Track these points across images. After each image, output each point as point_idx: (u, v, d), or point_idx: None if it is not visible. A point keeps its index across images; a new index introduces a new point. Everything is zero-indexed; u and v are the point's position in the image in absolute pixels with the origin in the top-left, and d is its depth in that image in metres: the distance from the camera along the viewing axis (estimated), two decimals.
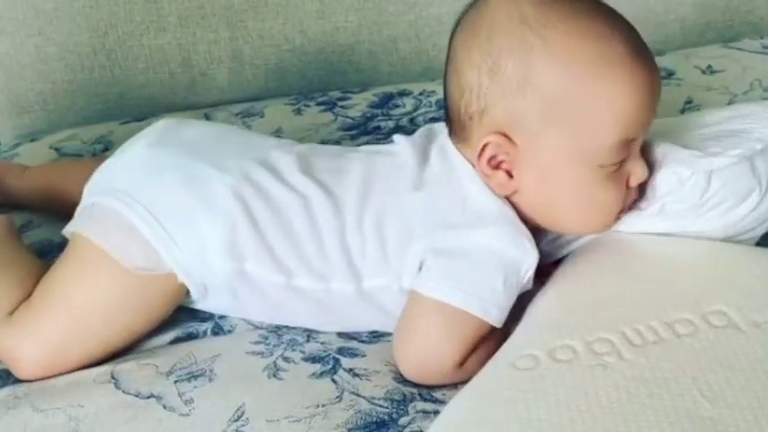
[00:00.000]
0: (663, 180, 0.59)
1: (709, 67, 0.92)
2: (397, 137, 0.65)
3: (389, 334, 0.61)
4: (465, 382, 0.54)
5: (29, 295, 0.61)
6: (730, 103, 0.85)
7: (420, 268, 0.58)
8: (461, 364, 0.57)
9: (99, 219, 0.61)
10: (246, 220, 0.60)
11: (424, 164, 0.61)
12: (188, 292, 0.62)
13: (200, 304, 0.63)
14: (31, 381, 0.59)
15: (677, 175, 0.59)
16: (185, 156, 0.63)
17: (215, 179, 0.61)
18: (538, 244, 0.59)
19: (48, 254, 0.72)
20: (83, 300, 0.60)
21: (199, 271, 0.60)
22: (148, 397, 0.57)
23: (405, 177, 0.61)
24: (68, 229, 0.63)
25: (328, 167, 0.63)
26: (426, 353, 0.57)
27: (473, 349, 0.57)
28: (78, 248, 0.61)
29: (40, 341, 0.59)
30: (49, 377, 0.59)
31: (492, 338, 0.57)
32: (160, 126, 0.67)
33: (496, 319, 0.57)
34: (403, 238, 0.59)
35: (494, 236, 0.57)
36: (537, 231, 0.60)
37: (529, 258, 0.58)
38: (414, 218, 0.59)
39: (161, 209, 0.60)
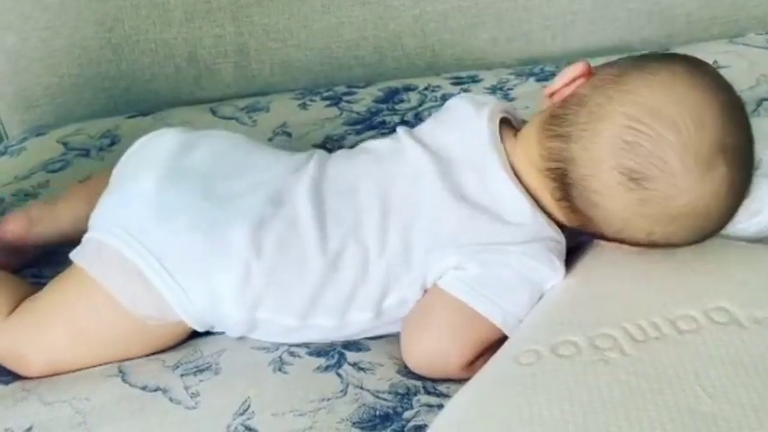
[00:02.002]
0: None
1: (715, 62, 0.92)
2: (403, 137, 0.63)
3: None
4: (466, 376, 0.55)
5: (24, 296, 0.61)
6: None
7: (451, 267, 0.58)
8: (467, 365, 0.57)
9: (108, 261, 0.59)
10: (260, 267, 0.58)
11: (453, 176, 0.60)
12: None
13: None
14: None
15: None
16: (197, 196, 0.60)
17: (229, 225, 0.58)
18: None
19: (55, 250, 0.73)
20: (83, 328, 0.59)
21: (209, 318, 0.60)
22: (155, 390, 0.57)
23: (428, 191, 0.59)
24: (76, 260, 0.61)
25: (340, 190, 0.61)
26: (435, 347, 0.57)
27: (480, 353, 0.58)
28: (82, 280, 0.60)
29: (40, 349, 0.59)
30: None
31: (500, 344, 0.57)
32: (168, 148, 0.63)
33: (512, 329, 0.58)
34: (431, 249, 0.58)
35: (531, 252, 0.58)
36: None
37: (556, 277, 0.58)
38: (445, 229, 0.59)
39: (173, 259, 0.58)
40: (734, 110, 0.55)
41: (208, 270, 0.58)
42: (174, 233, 0.59)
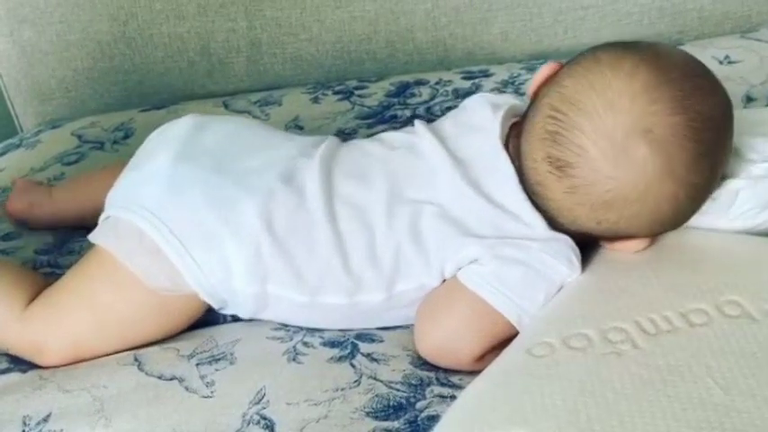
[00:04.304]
0: None
1: (727, 57, 0.92)
2: (421, 131, 0.64)
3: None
4: (476, 369, 0.55)
5: (40, 290, 0.62)
6: (748, 93, 0.85)
7: (471, 261, 0.59)
8: (477, 358, 0.58)
9: (123, 236, 0.60)
10: (271, 241, 0.59)
11: (471, 175, 0.60)
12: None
13: (221, 311, 0.64)
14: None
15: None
16: (210, 171, 0.61)
17: (241, 200, 0.60)
18: None
19: (71, 238, 0.74)
20: (104, 308, 0.60)
21: (221, 291, 0.61)
22: (171, 379, 0.58)
23: (446, 185, 0.60)
24: (93, 240, 0.63)
25: (351, 172, 0.62)
26: (449, 338, 0.58)
27: (491, 347, 0.58)
28: (102, 260, 0.61)
29: (61, 335, 0.60)
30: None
31: (510, 339, 0.57)
32: (183, 130, 0.65)
33: (523, 327, 0.58)
34: (448, 239, 0.59)
35: (550, 250, 0.58)
36: None
37: (573, 275, 0.59)
38: (466, 220, 0.59)
39: (187, 232, 0.59)
40: (662, 90, 0.53)
41: (220, 243, 0.59)
42: (188, 207, 0.60)
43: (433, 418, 0.54)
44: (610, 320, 0.53)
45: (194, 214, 0.60)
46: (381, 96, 0.92)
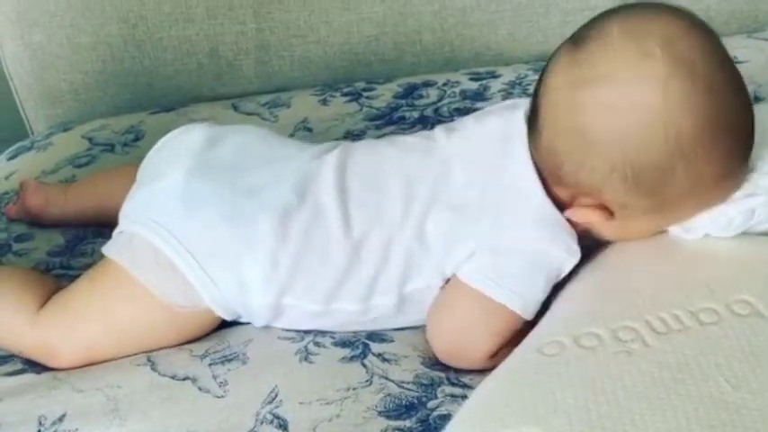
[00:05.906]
0: (711, 221, 0.59)
1: (734, 57, 0.92)
2: (439, 135, 0.64)
3: None
4: (492, 368, 0.55)
5: (52, 293, 0.63)
6: (755, 93, 0.85)
7: (467, 257, 0.59)
8: (490, 354, 0.58)
9: (138, 251, 0.61)
10: (287, 256, 0.59)
11: (479, 169, 0.60)
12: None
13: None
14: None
15: (725, 216, 0.58)
16: (224, 186, 0.61)
17: (256, 214, 0.60)
18: None
19: (83, 240, 0.75)
20: (117, 318, 0.61)
21: (236, 306, 0.61)
22: (184, 379, 0.58)
23: (453, 177, 0.60)
24: (107, 253, 0.63)
25: (365, 176, 0.62)
26: (457, 338, 0.58)
27: (504, 342, 0.58)
28: (116, 271, 0.61)
29: (74, 341, 0.60)
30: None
31: (525, 332, 0.58)
32: (195, 144, 0.64)
33: (531, 314, 0.58)
34: (450, 238, 0.59)
35: (547, 238, 0.58)
36: None
37: (573, 260, 0.59)
38: (464, 215, 0.59)
39: (202, 249, 0.60)
40: (688, 35, 0.58)
41: (235, 260, 0.60)
42: (203, 224, 0.60)
43: (445, 417, 0.54)
44: (620, 320, 0.54)
45: (209, 230, 0.60)
46: (389, 98, 0.92)
